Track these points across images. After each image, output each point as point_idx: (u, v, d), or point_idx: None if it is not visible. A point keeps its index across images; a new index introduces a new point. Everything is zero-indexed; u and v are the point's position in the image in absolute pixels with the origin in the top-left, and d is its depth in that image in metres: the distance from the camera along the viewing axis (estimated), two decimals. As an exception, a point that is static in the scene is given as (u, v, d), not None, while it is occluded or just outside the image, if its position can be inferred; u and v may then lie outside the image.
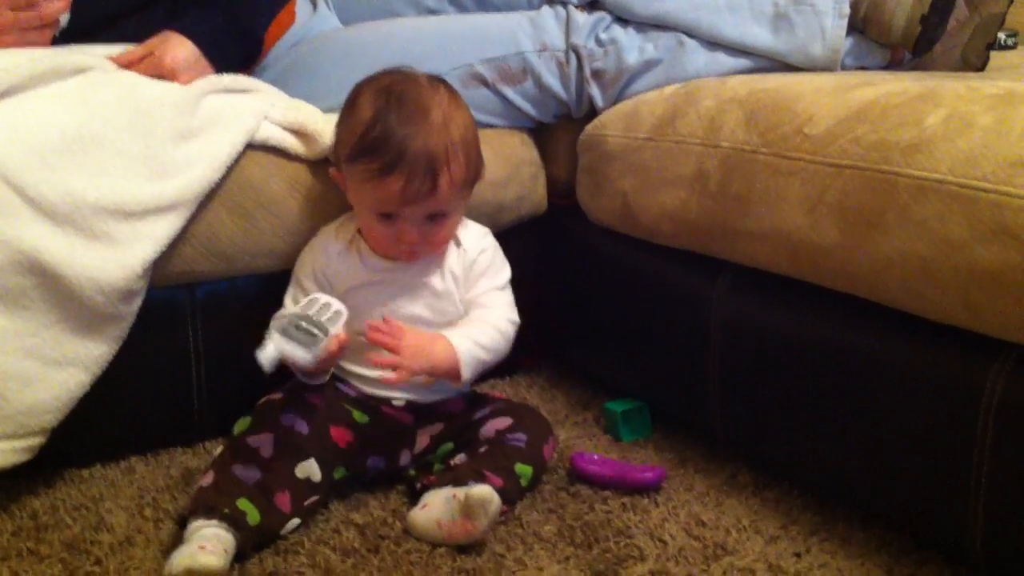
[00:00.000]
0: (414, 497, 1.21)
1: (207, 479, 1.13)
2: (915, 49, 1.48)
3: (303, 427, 1.20)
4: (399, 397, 1.29)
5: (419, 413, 1.30)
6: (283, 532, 1.15)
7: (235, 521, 1.09)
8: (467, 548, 1.13)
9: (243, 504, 1.10)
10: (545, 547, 1.14)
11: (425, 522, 1.15)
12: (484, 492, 1.11)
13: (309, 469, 1.19)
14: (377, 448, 1.27)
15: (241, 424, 1.21)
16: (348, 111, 1.26)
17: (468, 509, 1.10)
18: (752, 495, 1.26)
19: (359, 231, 1.31)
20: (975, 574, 1.07)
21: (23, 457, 1.18)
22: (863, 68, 1.52)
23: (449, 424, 1.30)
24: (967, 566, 1.08)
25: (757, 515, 1.21)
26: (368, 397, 1.28)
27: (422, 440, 1.30)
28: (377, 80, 1.26)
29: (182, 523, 1.11)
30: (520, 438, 1.26)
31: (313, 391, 1.25)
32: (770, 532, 1.17)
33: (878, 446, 1.10)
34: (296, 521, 1.16)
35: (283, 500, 1.15)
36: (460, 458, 1.25)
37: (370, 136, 1.21)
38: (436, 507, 1.14)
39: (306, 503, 1.18)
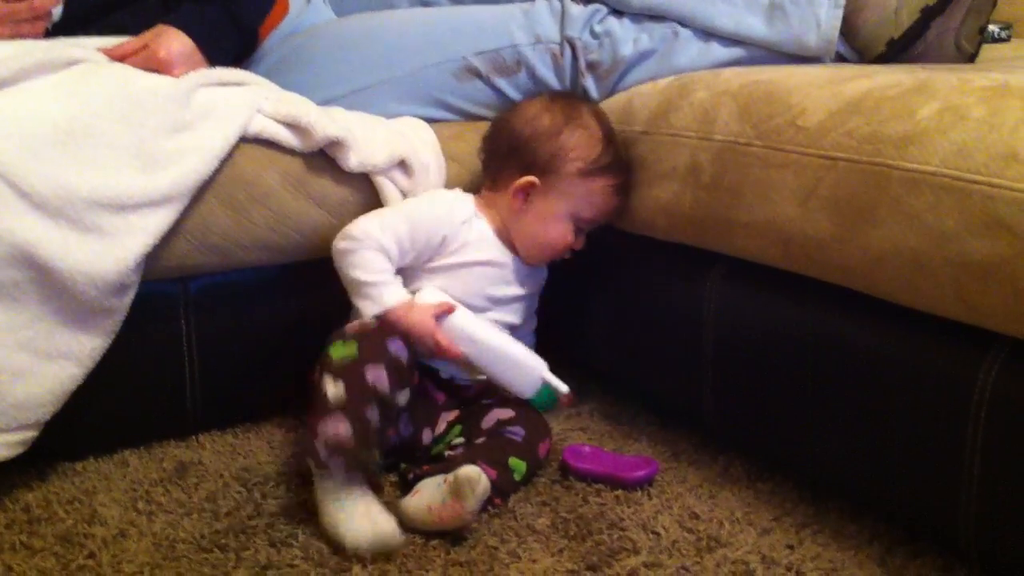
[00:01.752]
0: (406, 489, 1.21)
1: (344, 429, 1.12)
2: (872, 61, 1.49)
3: (404, 355, 1.21)
4: (444, 371, 1.33)
5: (449, 393, 1.33)
6: None
7: (376, 477, 1.15)
8: (460, 540, 1.13)
9: (378, 456, 1.16)
10: (539, 540, 1.14)
11: (416, 508, 1.14)
12: (471, 471, 1.10)
13: (404, 397, 1.21)
14: (413, 413, 1.27)
15: (344, 349, 1.19)
16: (574, 124, 1.35)
17: (456, 489, 1.10)
18: (745, 487, 1.26)
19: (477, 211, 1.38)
20: (967, 565, 1.07)
21: (16, 451, 1.18)
22: (843, 59, 1.51)
23: (463, 411, 1.31)
24: (959, 557, 1.08)
25: (750, 507, 1.21)
26: (419, 363, 1.29)
27: (441, 424, 1.31)
28: (580, 97, 1.44)
29: (317, 465, 1.14)
30: (517, 432, 1.26)
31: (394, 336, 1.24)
32: (763, 524, 1.17)
33: (871, 438, 1.10)
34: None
35: (391, 432, 1.21)
36: (458, 443, 1.26)
37: (611, 153, 1.36)
38: (427, 493, 1.14)
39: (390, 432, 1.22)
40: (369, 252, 1.28)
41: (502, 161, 1.39)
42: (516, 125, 1.38)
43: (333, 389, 1.16)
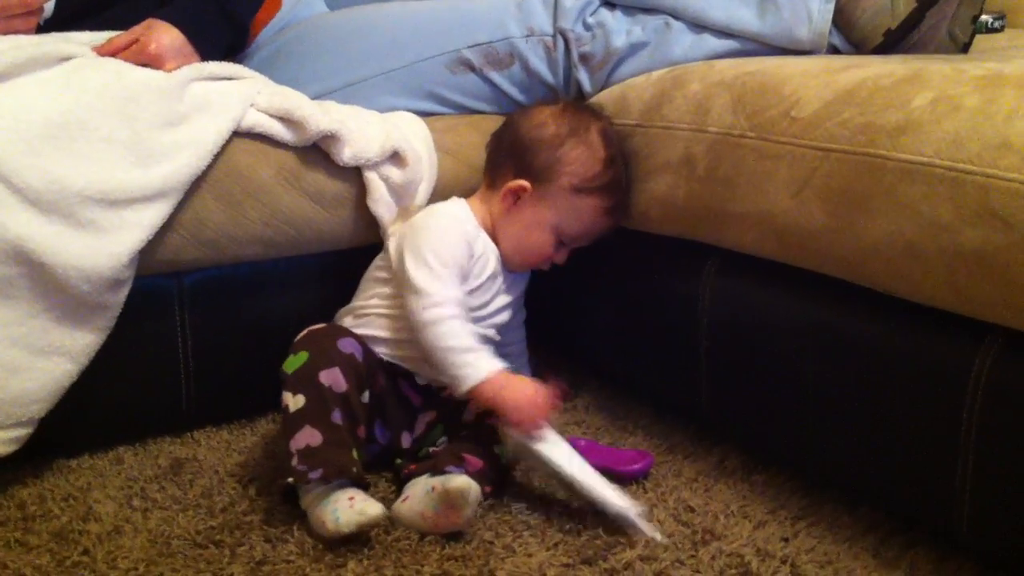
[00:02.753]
0: (401, 485, 1.21)
1: (313, 438, 1.14)
2: (870, 52, 1.48)
3: (359, 351, 1.22)
4: (420, 377, 1.31)
5: (427, 396, 1.31)
6: None
7: (358, 476, 1.14)
8: (456, 536, 1.13)
9: (356, 455, 1.16)
10: (534, 534, 1.14)
11: (408, 514, 1.14)
12: (462, 483, 1.10)
13: (367, 396, 1.22)
14: (386, 418, 1.27)
15: (296, 361, 1.20)
16: (577, 139, 1.34)
17: (449, 501, 1.10)
18: (740, 480, 1.26)
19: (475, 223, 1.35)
20: (962, 555, 1.07)
21: (11, 448, 1.18)
22: (836, 50, 1.51)
23: (441, 410, 1.30)
24: (954, 547, 1.08)
25: (745, 500, 1.21)
26: (394, 365, 1.29)
27: (419, 426, 1.30)
28: (593, 113, 1.39)
29: (288, 488, 1.15)
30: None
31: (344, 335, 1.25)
32: (758, 517, 1.17)
33: (866, 429, 1.10)
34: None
35: (361, 431, 1.20)
36: (442, 442, 1.25)
37: (609, 174, 1.34)
38: (417, 499, 1.14)
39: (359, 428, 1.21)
40: (457, 320, 1.22)
41: (502, 160, 1.38)
42: (522, 127, 1.37)
43: (293, 403, 1.17)
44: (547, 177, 1.33)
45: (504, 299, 1.37)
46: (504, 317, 1.38)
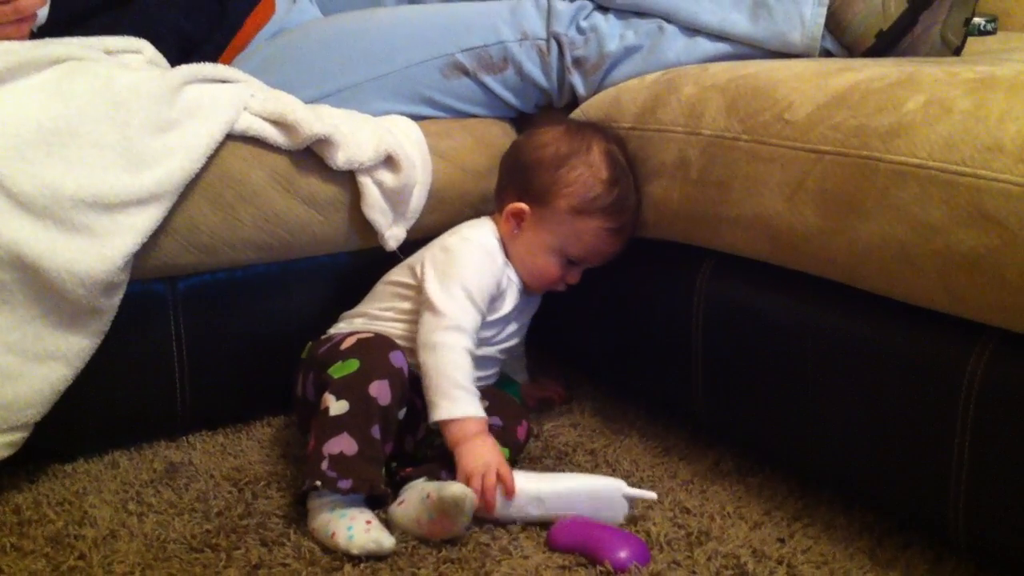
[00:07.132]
0: (395, 489, 1.21)
1: (348, 446, 1.13)
2: (863, 54, 1.48)
3: (406, 367, 1.21)
4: None
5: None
6: None
7: (383, 494, 1.15)
8: (452, 538, 1.12)
9: (382, 472, 1.16)
10: (530, 536, 1.14)
11: (403, 519, 1.14)
12: (457, 491, 1.09)
13: (403, 413, 1.21)
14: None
15: (345, 368, 1.18)
16: (577, 160, 1.32)
17: (444, 509, 1.10)
18: (736, 481, 1.27)
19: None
20: (957, 555, 1.08)
21: (5, 453, 1.18)
22: (828, 53, 1.51)
23: None
24: (949, 548, 1.09)
25: (741, 501, 1.22)
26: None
27: (421, 429, 1.30)
28: (598, 132, 1.35)
29: (310, 487, 1.12)
30: (494, 421, 1.26)
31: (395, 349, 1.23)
32: (754, 518, 1.17)
33: (861, 430, 1.11)
34: None
35: (388, 447, 1.19)
36: (439, 444, 1.25)
37: (612, 195, 1.31)
38: (412, 506, 1.14)
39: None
40: (466, 355, 1.22)
41: (505, 184, 1.38)
42: (524, 149, 1.37)
43: (336, 407, 1.16)
44: (545, 200, 1.32)
45: (514, 326, 1.37)
46: (514, 342, 1.39)
